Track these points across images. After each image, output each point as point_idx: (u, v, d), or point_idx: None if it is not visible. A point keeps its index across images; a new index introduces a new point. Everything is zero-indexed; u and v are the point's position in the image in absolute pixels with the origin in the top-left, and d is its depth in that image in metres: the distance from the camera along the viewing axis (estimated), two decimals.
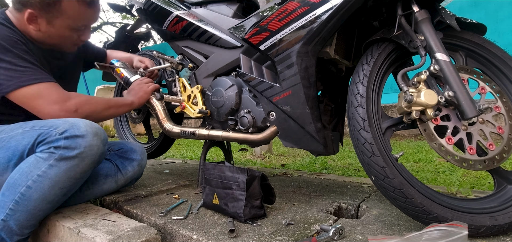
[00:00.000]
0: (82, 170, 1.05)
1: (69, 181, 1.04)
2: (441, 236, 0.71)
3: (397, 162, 0.91)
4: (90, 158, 1.05)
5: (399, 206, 0.89)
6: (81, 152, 1.02)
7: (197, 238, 0.90)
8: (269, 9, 1.19)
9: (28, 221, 1.02)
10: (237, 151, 3.08)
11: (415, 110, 0.89)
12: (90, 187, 1.25)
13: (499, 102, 0.94)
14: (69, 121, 1.04)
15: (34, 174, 1.00)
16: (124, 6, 1.81)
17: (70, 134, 1.01)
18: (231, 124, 1.27)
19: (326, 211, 1.12)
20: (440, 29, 0.99)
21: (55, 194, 1.03)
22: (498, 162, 0.89)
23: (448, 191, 1.36)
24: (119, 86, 2.00)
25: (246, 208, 0.99)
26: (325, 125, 1.21)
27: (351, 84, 1.00)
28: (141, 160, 1.39)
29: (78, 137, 1.01)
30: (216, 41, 1.34)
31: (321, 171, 2.09)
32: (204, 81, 1.39)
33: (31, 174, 1.00)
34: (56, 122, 1.04)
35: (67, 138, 1.00)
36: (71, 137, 1.01)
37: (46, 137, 1.02)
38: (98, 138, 1.06)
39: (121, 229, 0.95)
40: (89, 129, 1.04)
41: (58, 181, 1.02)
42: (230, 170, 1.05)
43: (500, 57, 0.98)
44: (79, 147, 1.01)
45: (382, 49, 1.01)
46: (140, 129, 5.21)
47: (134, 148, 1.39)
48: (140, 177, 1.44)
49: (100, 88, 5.66)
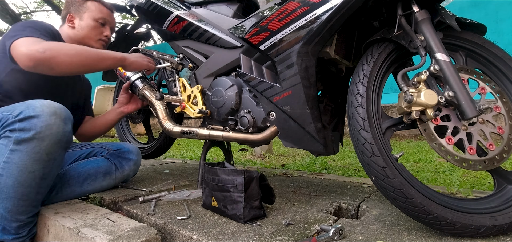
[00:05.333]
0: (47, 151, 1.03)
1: (37, 163, 1.03)
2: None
3: (397, 162, 0.91)
4: (50, 138, 1.02)
5: (399, 206, 0.89)
6: (37, 132, 1.00)
7: (197, 238, 0.90)
8: (269, 9, 1.19)
9: (16, 207, 1.03)
10: (237, 151, 3.08)
11: (415, 110, 0.89)
12: (90, 184, 1.35)
13: (499, 102, 0.94)
14: (25, 102, 1.04)
15: (0, 161, 1.01)
16: (124, 6, 1.81)
17: (25, 115, 1.00)
18: (231, 124, 1.27)
19: (326, 211, 1.12)
20: (440, 29, 0.99)
21: (28, 177, 1.02)
22: (498, 162, 0.89)
23: (448, 191, 1.36)
24: (120, 86, 2.00)
25: (246, 209, 0.99)
26: (325, 125, 1.21)
27: (351, 84, 1.00)
28: (137, 160, 1.52)
29: (32, 117, 1.00)
30: (216, 41, 1.34)
31: (321, 171, 2.09)
32: (204, 81, 1.39)
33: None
34: (15, 105, 1.05)
35: (21, 120, 1.00)
36: (25, 119, 1.00)
37: (4, 121, 1.03)
38: (57, 117, 1.03)
39: (121, 229, 0.95)
40: (46, 109, 1.02)
41: (24, 165, 1.01)
42: (225, 173, 1.05)
43: (500, 57, 0.98)
44: (34, 128, 0.99)
45: (382, 49, 1.01)
46: (140, 129, 5.21)
47: (131, 149, 1.51)
48: (134, 175, 1.56)
49: (100, 88, 5.65)
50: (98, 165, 1.38)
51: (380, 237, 0.88)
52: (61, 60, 1.13)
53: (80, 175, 1.31)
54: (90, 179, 1.34)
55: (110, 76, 1.91)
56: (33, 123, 1.00)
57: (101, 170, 1.38)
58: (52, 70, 1.13)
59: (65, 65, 1.14)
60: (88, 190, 1.34)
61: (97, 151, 1.48)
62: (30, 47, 1.10)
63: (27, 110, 1.01)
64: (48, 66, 1.11)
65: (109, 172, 1.40)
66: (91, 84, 1.72)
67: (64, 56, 1.15)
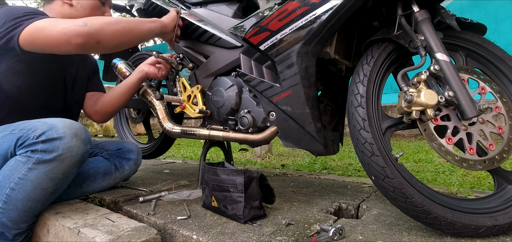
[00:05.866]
0: (64, 171, 1.04)
1: (51, 182, 1.04)
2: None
3: (397, 162, 0.91)
4: (70, 160, 1.03)
5: (399, 206, 0.89)
6: (59, 154, 1.00)
7: (197, 238, 0.90)
8: (269, 9, 1.19)
9: (20, 217, 1.04)
10: (237, 151, 3.08)
11: (415, 110, 0.89)
12: (90, 184, 1.34)
13: (499, 102, 0.94)
14: (48, 122, 1.02)
15: (15, 176, 1.00)
16: (124, 6, 1.81)
17: (47, 137, 0.99)
18: (231, 124, 1.27)
19: (326, 211, 1.12)
20: (440, 29, 0.99)
21: (39, 193, 1.03)
22: (498, 162, 0.89)
23: (448, 191, 1.36)
24: None
25: (246, 209, 0.99)
26: (325, 125, 1.21)
27: (351, 84, 1.00)
28: (137, 159, 1.49)
29: (55, 139, 0.99)
30: (216, 41, 1.34)
31: (321, 171, 2.09)
32: (204, 81, 1.39)
33: (13, 176, 1.01)
34: (35, 124, 1.03)
35: (44, 142, 0.99)
36: (48, 140, 0.99)
37: (24, 140, 1.01)
38: (78, 139, 1.04)
39: (121, 229, 0.95)
40: (68, 130, 1.01)
41: (40, 183, 1.02)
42: (225, 173, 1.05)
43: (500, 57, 0.98)
44: (57, 150, 0.99)
45: (382, 49, 1.01)
46: (140, 129, 5.21)
47: (131, 148, 1.48)
48: (134, 174, 1.54)
49: None
50: (98, 165, 1.38)
51: (380, 237, 0.88)
52: (107, 31, 1.06)
53: (79, 175, 1.31)
54: (89, 180, 1.33)
55: (110, 76, 1.91)
56: (55, 145, 0.99)
57: (100, 171, 1.37)
58: (98, 45, 1.05)
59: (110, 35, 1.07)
60: (87, 191, 1.34)
61: (97, 151, 1.47)
62: (66, 26, 1.01)
63: (50, 132, 0.99)
64: (95, 39, 1.04)
65: (108, 172, 1.39)
66: (96, 61, 1.58)
67: (108, 26, 1.07)
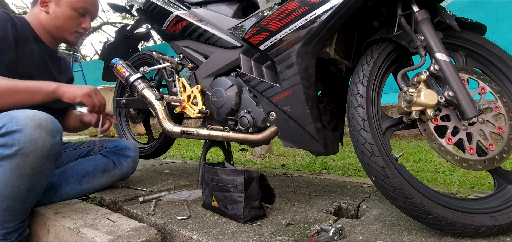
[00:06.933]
0: (32, 166, 0.97)
1: (21, 178, 0.97)
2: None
3: (397, 162, 0.91)
4: (35, 153, 0.96)
5: (399, 206, 0.89)
6: (20, 148, 0.93)
7: (197, 238, 0.90)
8: (269, 9, 1.19)
9: (3, 217, 1.01)
10: (237, 151, 3.08)
11: (415, 110, 0.89)
12: (89, 181, 1.34)
13: (499, 102, 0.93)
14: (9, 114, 0.96)
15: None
16: (124, 6, 1.81)
17: (6, 130, 0.93)
18: (231, 124, 1.27)
19: (326, 211, 1.12)
20: (440, 29, 0.99)
21: (13, 191, 0.98)
22: (498, 162, 0.89)
23: (448, 191, 1.36)
24: (119, 86, 2.00)
25: (246, 209, 0.99)
26: (325, 125, 1.21)
27: (351, 84, 1.00)
28: (135, 156, 1.49)
29: (15, 132, 0.93)
30: (216, 41, 1.34)
31: (321, 171, 2.09)
32: (204, 81, 1.39)
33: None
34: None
35: (3, 135, 0.93)
36: (7, 134, 0.93)
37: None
38: (42, 130, 0.96)
39: (121, 229, 0.95)
40: (30, 121, 0.94)
41: (8, 180, 0.96)
42: (225, 173, 1.05)
43: (500, 57, 0.98)
44: (17, 143, 0.92)
45: (382, 49, 1.01)
46: (140, 129, 5.20)
47: (129, 146, 1.49)
48: (133, 172, 1.54)
49: (100, 89, 5.65)
50: (96, 162, 1.38)
51: (380, 237, 0.88)
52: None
53: (78, 173, 1.31)
54: (88, 177, 1.33)
55: (110, 76, 1.91)
56: (15, 138, 0.93)
57: (99, 167, 1.37)
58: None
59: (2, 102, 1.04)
60: (87, 188, 1.33)
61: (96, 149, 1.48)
62: None
63: (9, 124, 0.93)
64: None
65: (107, 169, 1.39)
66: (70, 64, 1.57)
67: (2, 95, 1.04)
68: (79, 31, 1.34)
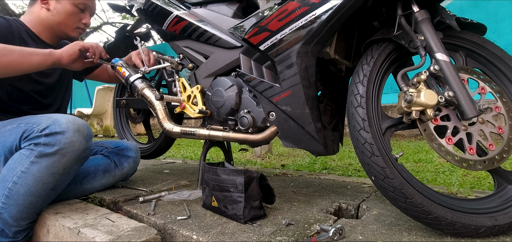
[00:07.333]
0: (65, 166, 1.07)
1: (53, 176, 1.06)
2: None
3: (397, 162, 0.91)
4: (71, 154, 1.06)
5: (399, 206, 0.89)
6: (61, 148, 1.03)
7: (197, 238, 0.90)
8: (269, 9, 1.19)
9: (21, 213, 1.06)
10: (237, 151, 3.08)
11: (415, 110, 0.89)
12: (90, 181, 1.35)
13: (499, 102, 0.93)
14: (52, 117, 1.06)
15: (18, 170, 1.03)
16: (124, 6, 1.81)
17: (51, 131, 1.03)
18: (231, 124, 1.27)
19: (326, 211, 1.12)
20: (440, 29, 0.99)
21: (41, 188, 1.06)
22: (498, 162, 0.89)
23: (448, 191, 1.36)
24: (119, 86, 2.00)
25: (246, 210, 0.99)
26: (325, 125, 1.21)
27: (351, 84, 1.00)
28: (136, 157, 1.51)
29: (57, 133, 1.03)
30: (216, 41, 1.34)
31: (321, 171, 2.09)
32: (204, 81, 1.39)
33: (16, 170, 1.04)
34: (41, 118, 1.07)
35: (47, 135, 1.03)
36: (51, 134, 1.03)
37: (29, 133, 1.05)
38: (80, 134, 1.07)
39: (121, 229, 0.95)
40: (71, 125, 1.05)
41: (41, 177, 1.04)
42: (225, 173, 1.05)
43: (500, 57, 0.98)
44: (58, 143, 1.03)
45: (382, 49, 1.01)
46: (140, 129, 5.21)
47: (130, 146, 1.51)
48: (134, 173, 1.55)
49: (100, 89, 5.66)
50: (97, 162, 1.38)
51: (380, 237, 0.88)
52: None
53: (79, 173, 1.31)
54: (89, 177, 1.34)
55: None
56: (57, 139, 1.02)
57: (100, 168, 1.38)
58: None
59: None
60: (87, 188, 1.34)
61: (97, 149, 1.48)
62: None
63: (53, 126, 1.03)
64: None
65: (108, 169, 1.40)
66: None
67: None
68: (80, 27, 1.37)
